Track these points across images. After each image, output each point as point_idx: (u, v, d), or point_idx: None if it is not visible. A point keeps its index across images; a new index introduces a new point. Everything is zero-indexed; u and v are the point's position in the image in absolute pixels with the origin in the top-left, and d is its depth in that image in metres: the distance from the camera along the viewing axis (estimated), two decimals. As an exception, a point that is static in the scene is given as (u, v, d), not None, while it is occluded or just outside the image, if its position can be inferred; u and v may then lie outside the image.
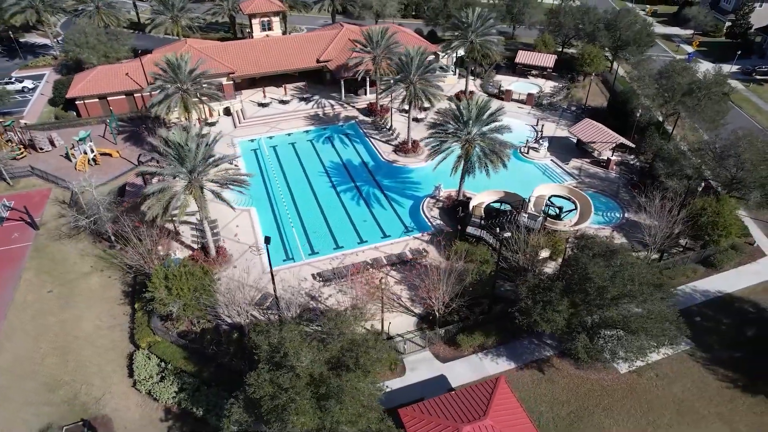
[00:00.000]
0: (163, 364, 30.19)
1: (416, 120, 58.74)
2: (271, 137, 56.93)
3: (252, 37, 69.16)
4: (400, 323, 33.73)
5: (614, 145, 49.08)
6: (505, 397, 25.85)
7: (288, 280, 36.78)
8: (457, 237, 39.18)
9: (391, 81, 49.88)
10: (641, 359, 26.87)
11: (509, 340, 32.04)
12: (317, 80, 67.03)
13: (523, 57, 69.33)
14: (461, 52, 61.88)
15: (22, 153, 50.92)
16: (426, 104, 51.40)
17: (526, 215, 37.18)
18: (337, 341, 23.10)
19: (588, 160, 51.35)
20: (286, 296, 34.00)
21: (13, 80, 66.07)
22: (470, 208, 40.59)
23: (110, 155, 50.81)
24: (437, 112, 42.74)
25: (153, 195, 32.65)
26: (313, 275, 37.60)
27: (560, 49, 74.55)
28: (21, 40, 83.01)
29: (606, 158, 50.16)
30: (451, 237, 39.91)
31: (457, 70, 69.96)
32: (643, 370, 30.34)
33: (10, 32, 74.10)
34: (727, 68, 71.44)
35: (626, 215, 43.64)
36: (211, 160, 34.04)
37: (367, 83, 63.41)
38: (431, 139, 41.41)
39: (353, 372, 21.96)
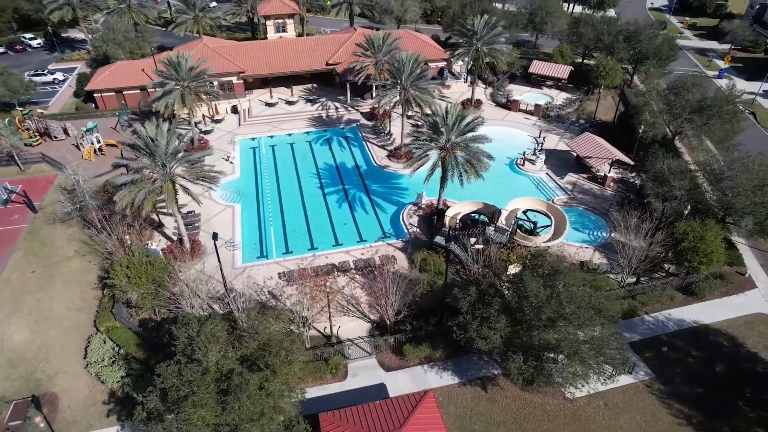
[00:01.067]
0: (116, 348, 31.45)
1: (418, 126, 58.55)
2: (271, 136, 58.11)
3: (266, 38, 70.76)
4: (354, 327, 33.75)
5: (611, 161, 47.28)
6: (428, 412, 25.41)
7: (255, 277, 37.50)
8: (426, 246, 38.82)
9: (387, 85, 49.89)
10: (578, 386, 25.74)
11: (458, 354, 31.37)
12: (327, 83, 67.92)
13: (537, 67, 67.77)
14: (467, 59, 61.14)
15: (37, 140, 54.25)
16: (416, 110, 51.18)
17: (493, 228, 36.35)
18: (253, 340, 23.42)
19: (585, 176, 49.61)
20: (248, 293, 34.64)
21: (45, 72, 70.39)
22: (444, 217, 40.09)
23: (116, 146, 53.28)
24: (416, 122, 42.45)
25: (125, 186, 34.09)
26: (279, 274, 38.14)
27: (580, 61, 72.41)
28: (64, 35, 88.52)
29: (603, 174, 48.32)
30: (422, 246, 39.56)
31: (469, 78, 69.16)
32: (592, 397, 29.07)
33: (49, 27, 79.04)
34: (757, 86, 67.73)
35: (613, 235, 41.88)
36: (179, 155, 35.08)
37: (374, 87, 63.68)
38: (411, 146, 41.18)
39: (262, 372, 22.20)
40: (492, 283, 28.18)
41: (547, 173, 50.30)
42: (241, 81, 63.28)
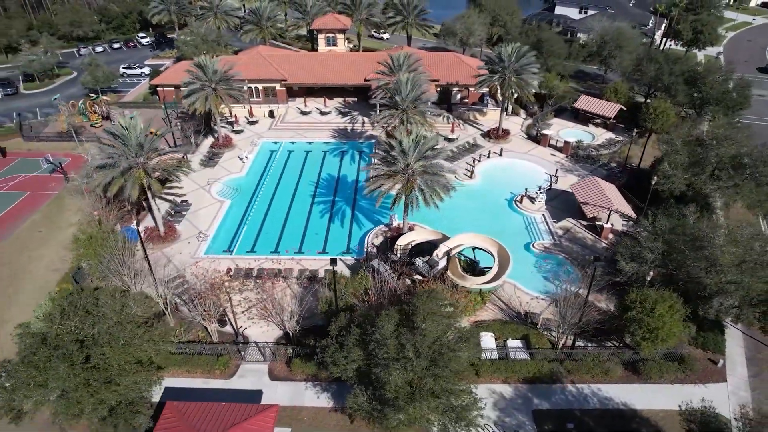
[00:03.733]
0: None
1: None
2: (293, 143, 61.09)
3: (317, 51, 74.54)
4: (269, 332, 34.55)
5: (609, 211, 42.70)
6: (262, 424, 25.47)
7: (206, 268, 39.88)
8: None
9: (388, 105, 50.13)
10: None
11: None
12: (366, 98, 69.56)
13: (584, 103, 63.10)
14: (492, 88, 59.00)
15: (100, 123, 62.90)
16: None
17: (422, 261, 34.90)
18: (107, 318, 25.43)
19: (584, 223, 45.28)
20: (193, 282, 37.24)
21: (135, 66, 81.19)
22: (396, 243, 39.34)
23: (153, 134, 59.71)
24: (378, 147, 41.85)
25: (102, 169, 38.65)
26: (227, 269, 40.21)
27: (643, 100, 65.88)
28: (169, 36, 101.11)
29: (601, 225, 43.75)
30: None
31: (510, 107, 66.45)
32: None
33: (150, 28, 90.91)
34: None
35: (581, 291, 37.81)
36: (148, 147, 38.77)
37: (377, 107, 63.78)
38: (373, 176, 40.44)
39: (102, 348, 24.16)
40: (369, 314, 27.28)
41: (543, 214, 46.78)
42: (284, 88, 67.42)
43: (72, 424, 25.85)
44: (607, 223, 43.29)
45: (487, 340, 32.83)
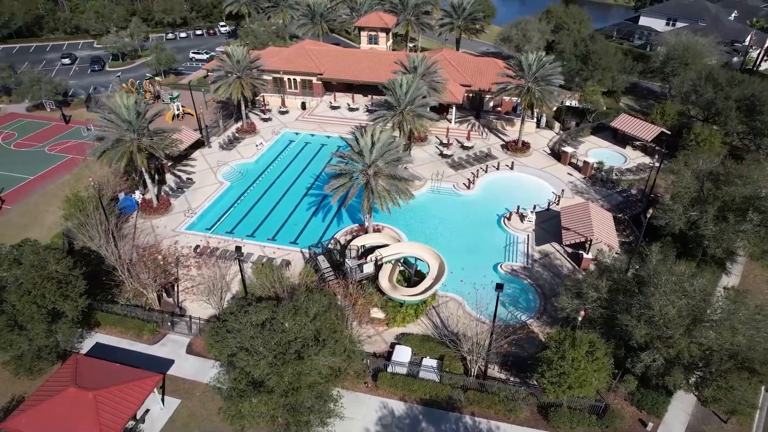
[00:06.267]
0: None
1: (442, 155, 56.44)
2: (312, 135, 62.76)
3: (359, 48, 75.43)
4: (207, 309, 36.23)
5: (589, 241, 38.93)
6: (137, 390, 27.04)
7: (181, 243, 42.90)
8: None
9: (383, 106, 49.59)
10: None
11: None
12: (398, 97, 69.32)
13: (622, 122, 57.59)
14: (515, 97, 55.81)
15: (151, 101, 69.30)
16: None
17: (352, 263, 34.41)
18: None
19: (570, 250, 41.72)
20: (167, 252, 40.37)
21: (202, 51, 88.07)
22: (350, 244, 39.23)
23: (191, 114, 64.67)
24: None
25: (101, 140, 42.92)
26: (196, 246, 42.67)
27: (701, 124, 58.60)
28: (245, 25, 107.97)
29: (581, 254, 40.02)
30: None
31: (544, 119, 62.61)
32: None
33: (224, 19, 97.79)
34: None
35: (528, 322, 35.11)
36: (137, 125, 42.16)
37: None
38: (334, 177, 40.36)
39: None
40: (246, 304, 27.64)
41: (528, 235, 43.80)
42: (320, 82, 69.36)
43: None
44: (587, 253, 39.50)
45: (403, 353, 31.71)
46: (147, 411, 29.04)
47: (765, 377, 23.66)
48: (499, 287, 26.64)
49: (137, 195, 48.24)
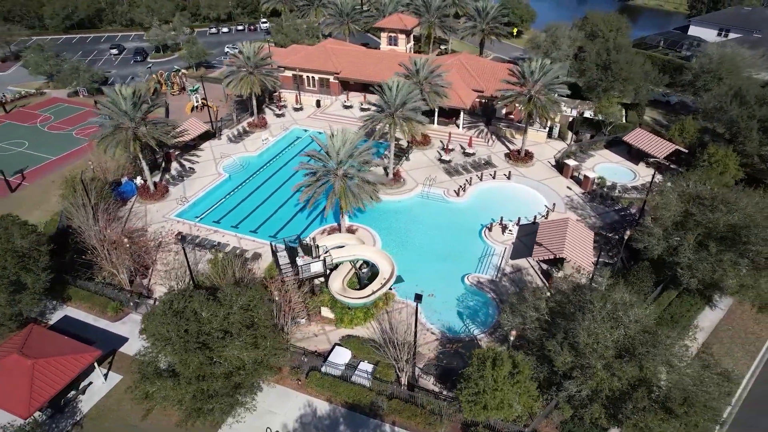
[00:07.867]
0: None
1: (441, 161, 55.70)
2: (320, 132, 63.49)
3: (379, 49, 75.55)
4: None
5: (560, 258, 37.25)
6: (74, 362, 28.76)
7: (166, 228, 45.01)
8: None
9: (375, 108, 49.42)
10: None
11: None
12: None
13: (636, 137, 54.40)
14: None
15: (177, 92, 72.82)
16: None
17: (303, 260, 34.74)
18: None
19: (545, 267, 40.10)
20: (153, 236, 42.73)
21: (233, 46, 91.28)
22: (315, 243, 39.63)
23: (210, 107, 67.33)
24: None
25: (101, 125, 45.76)
26: (179, 232, 44.50)
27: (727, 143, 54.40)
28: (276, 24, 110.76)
29: (552, 273, 38.35)
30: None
31: (557, 130, 60.28)
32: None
33: (264, 16, 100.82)
34: None
35: (479, 337, 34.16)
36: (132, 113, 44.53)
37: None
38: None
39: None
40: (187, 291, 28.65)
41: (505, 248, 42.50)
42: (337, 81, 70.25)
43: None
44: (559, 271, 37.81)
45: (342, 355, 31.83)
46: (90, 384, 30.83)
47: (683, 420, 21.81)
48: (418, 298, 26.16)
49: (138, 180, 50.98)
